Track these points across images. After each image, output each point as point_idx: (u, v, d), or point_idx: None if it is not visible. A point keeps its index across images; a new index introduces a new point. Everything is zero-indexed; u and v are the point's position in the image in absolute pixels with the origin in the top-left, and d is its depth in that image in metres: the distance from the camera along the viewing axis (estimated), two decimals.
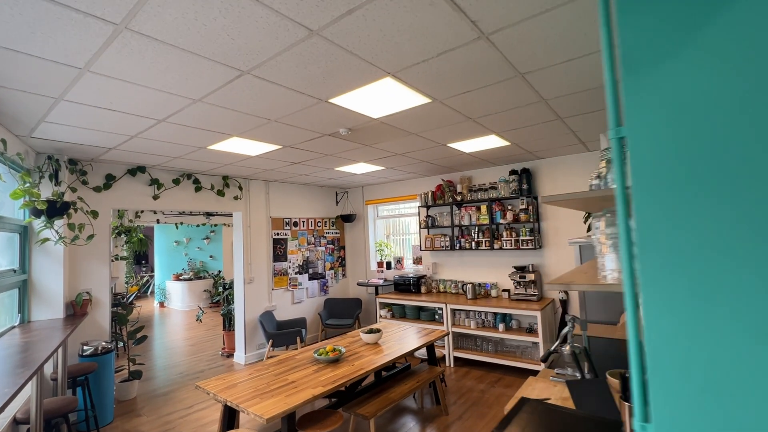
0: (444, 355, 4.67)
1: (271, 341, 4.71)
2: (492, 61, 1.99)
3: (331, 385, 2.51)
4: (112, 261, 4.60)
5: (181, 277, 9.93)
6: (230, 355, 5.40)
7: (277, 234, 5.64)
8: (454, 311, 4.84)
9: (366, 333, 3.51)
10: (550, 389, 1.88)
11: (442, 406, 3.48)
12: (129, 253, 9.77)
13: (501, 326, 4.41)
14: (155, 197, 4.26)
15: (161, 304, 10.10)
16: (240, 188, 5.16)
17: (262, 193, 5.49)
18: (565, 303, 4.49)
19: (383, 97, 2.43)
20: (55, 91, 2.11)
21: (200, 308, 5.65)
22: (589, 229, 3.53)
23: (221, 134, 3.07)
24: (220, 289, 6.08)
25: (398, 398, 2.95)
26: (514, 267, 4.74)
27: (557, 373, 2.06)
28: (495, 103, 2.62)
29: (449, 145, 3.77)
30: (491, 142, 3.74)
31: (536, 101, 2.64)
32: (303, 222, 6.06)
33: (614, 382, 1.68)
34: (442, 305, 4.78)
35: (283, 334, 4.74)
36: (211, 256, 10.38)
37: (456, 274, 5.44)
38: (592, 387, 1.65)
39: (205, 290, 9.94)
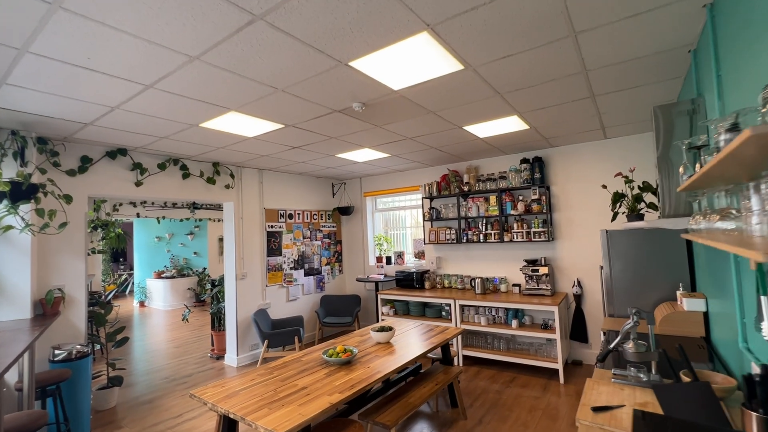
0: (453, 354, 4.40)
1: (266, 342, 4.34)
2: (551, 12, 1.71)
3: (349, 391, 2.20)
4: (88, 255, 4.14)
5: (163, 275, 9.37)
6: (220, 357, 4.99)
7: (271, 226, 5.25)
8: (462, 307, 4.58)
9: (377, 331, 3.20)
10: (619, 393, 1.62)
11: (460, 410, 3.21)
12: (106, 250, 9.16)
13: (514, 323, 4.18)
14: (138, 184, 3.83)
15: (141, 304, 9.52)
16: (232, 176, 4.76)
17: (255, 182, 5.09)
18: (579, 297, 4.29)
19: (411, 62, 2.12)
20: (17, 38, 1.71)
21: (186, 307, 5.21)
22: (614, 218, 3.32)
23: (217, 108, 2.70)
24: (208, 286, 5.65)
25: (419, 403, 2.66)
26: (525, 260, 4.51)
27: (617, 374, 1.81)
28: (532, 72, 2.35)
29: (465, 127, 3.50)
30: (510, 125, 3.48)
31: (576, 72, 2.38)
32: (298, 214, 5.69)
33: (725, 385, 1.43)
34: (450, 301, 4.51)
35: (279, 334, 4.38)
36: (195, 253, 9.85)
37: (462, 268, 5.18)
38: (687, 391, 1.40)
39: (189, 288, 9.40)
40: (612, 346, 1.80)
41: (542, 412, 3.20)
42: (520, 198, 4.57)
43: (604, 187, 3.37)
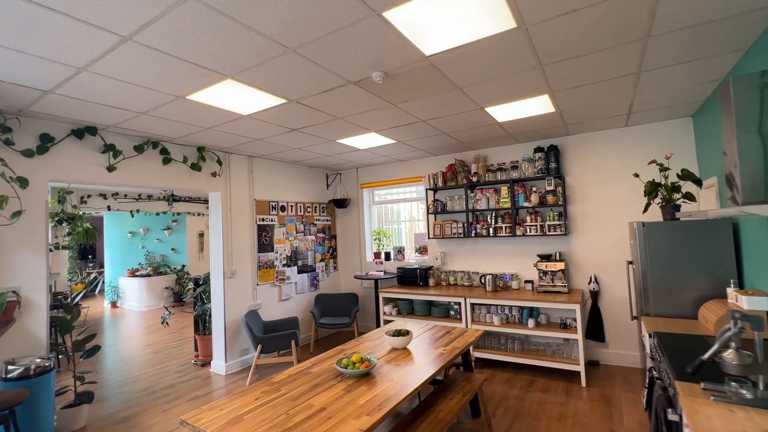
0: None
1: (260, 347, 3.90)
2: None
3: (378, 413, 1.83)
4: (51, 251, 3.58)
5: (137, 273, 8.68)
6: (206, 364, 4.51)
7: (262, 219, 4.79)
8: (473, 306, 4.27)
9: (393, 336, 2.83)
10: (732, 417, 1.32)
11: (484, 419, 2.90)
12: (72, 245, 8.40)
13: (530, 322, 3.90)
14: (110, 168, 3.30)
15: (113, 304, 8.80)
16: (219, 163, 4.27)
17: (244, 170, 4.61)
18: (596, 294, 4.06)
19: (456, 16, 1.75)
20: None
21: (166, 308, 4.69)
22: (646, 209, 3.08)
23: (211, 74, 2.25)
24: (190, 285, 5.13)
25: (449, 418, 2.32)
26: (539, 255, 4.25)
27: (712, 390, 1.51)
28: (589, 36, 2.02)
29: (487, 109, 3.16)
30: (536, 107, 3.17)
31: (637, 39, 2.07)
32: (291, 206, 5.24)
33: None
34: (460, 299, 4.20)
35: (274, 338, 3.95)
36: (173, 249, 9.18)
37: (468, 264, 4.88)
38: None
39: (166, 287, 8.75)
40: (708, 355, 1.50)
41: (572, 421, 2.93)
42: (533, 189, 4.29)
43: (636, 175, 3.12)
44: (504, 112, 3.29)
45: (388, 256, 5.56)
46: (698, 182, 2.81)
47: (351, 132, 3.72)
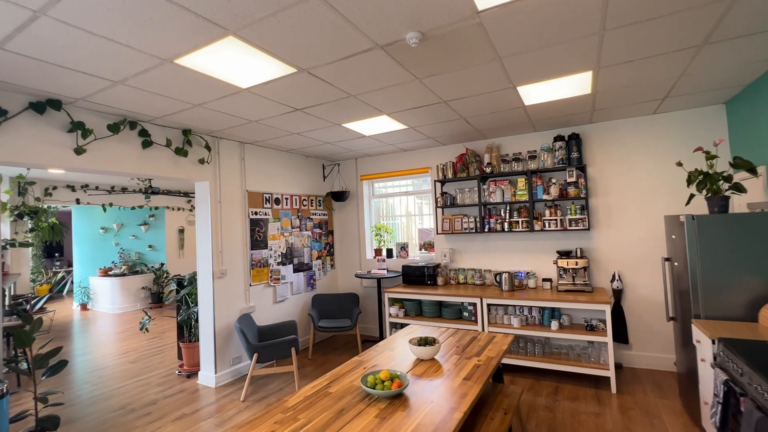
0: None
1: (255, 356, 3.46)
2: None
3: None
4: (5, 248, 3.02)
5: (110, 273, 7.99)
6: (192, 375, 4.02)
7: (255, 213, 4.32)
8: (489, 307, 3.95)
9: (418, 345, 2.47)
10: None
11: None
12: (35, 243, 7.66)
13: (554, 324, 3.62)
14: (79, 151, 2.78)
15: (83, 307, 8.08)
16: (208, 149, 3.77)
17: (235, 158, 4.12)
18: (619, 293, 3.81)
19: None
20: None
21: (146, 313, 4.16)
22: (689, 201, 2.82)
23: (209, 26, 1.80)
24: (172, 287, 4.61)
25: None
26: (558, 252, 3.97)
27: None
28: None
29: (520, 88, 2.82)
30: (571, 88, 2.86)
31: None
32: (286, 199, 4.78)
33: None
34: (476, 300, 3.88)
35: (272, 346, 3.51)
36: (150, 246, 8.51)
37: (479, 261, 4.57)
38: None
39: (143, 288, 8.10)
40: None
41: None
42: (553, 181, 4.00)
43: (680, 164, 2.85)
44: (535, 93, 2.96)
45: (390, 253, 5.18)
46: (753, 171, 2.56)
47: (361, 114, 3.31)
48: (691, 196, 2.79)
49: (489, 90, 2.85)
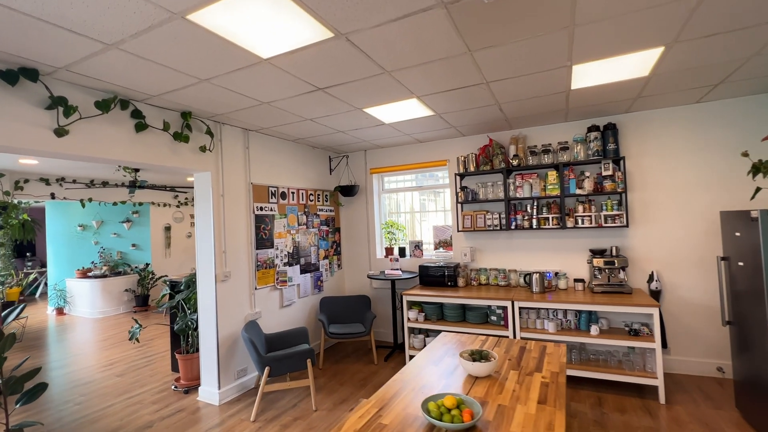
0: None
1: (267, 369, 3.05)
2: None
3: None
4: None
5: (90, 274, 7.36)
6: (190, 390, 3.58)
7: (261, 209, 3.89)
8: (520, 310, 3.65)
9: (470, 359, 2.13)
10: None
11: None
12: (4, 242, 6.99)
13: (594, 329, 3.34)
14: (60, 132, 2.31)
15: (59, 311, 7.42)
16: (210, 134, 3.32)
17: (239, 146, 3.69)
18: (658, 294, 3.57)
19: None
20: None
21: (136, 321, 3.68)
22: (754, 195, 2.59)
23: None
24: (164, 291, 4.14)
25: None
26: (591, 250, 3.70)
27: None
28: None
29: (576, 66, 2.51)
30: (630, 68, 2.57)
31: None
32: (292, 193, 4.36)
33: None
34: (506, 303, 3.57)
35: (286, 358, 3.11)
36: (133, 245, 7.90)
37: (502, 261, 4.26)
38: None
39: (126, 290, 7.50)
40: None
41: None
42: (586, 174, 3.73)
43: (746, 155, 2.59)
44: (588, 74, 2.65)
45: (402, 252, 4.83)
46: None
47: (389, 96, 2.93)
48: (757, 189, 2.55)
49: (542, 69, 2.52)
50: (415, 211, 5.13)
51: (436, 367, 2.29)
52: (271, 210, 4.02)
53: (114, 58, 2.08)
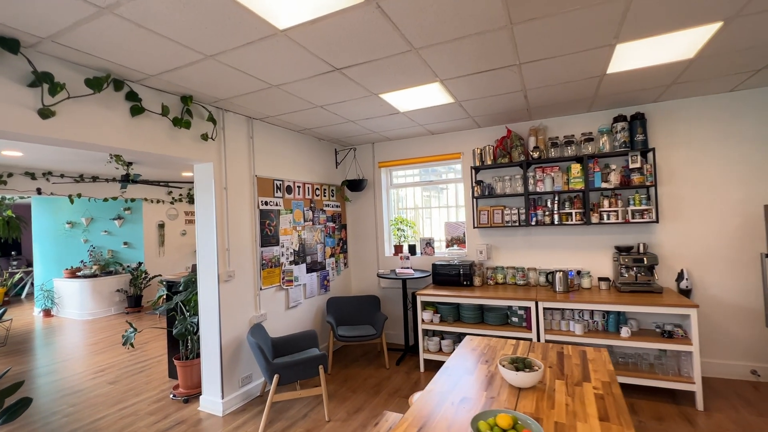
0: None
1: (276, 377, 2.80)
2: None
3: None
4: None
5: (79, 273, 7.01)
6: (190, 399, 3.31)
7: (266, 203, 3.63)
8: (544, 311, 3.44)
9: (512, 368, 1.91)
10: None
11: None
12: None
13: (624, 330, 3.14)
14: (45, 113, 2.03)
15: (46, 313, 7.06)
16: (212, 121, 3.05)
17: (242, 135, 3.42)
18: (687, 294, 3.39)
19: None
20: None
21: (130, 324, 3.39)
22: None
23: None
24: (160, 292, 3.85)
25: None
26: (616, 248, 3.51)
27: None
28: None
29: (620, 45, 2.29)
30: (675, 48, 2.36)
31: None
32: (298, 188, 4.10)
33: None
34: (530, 303, 3.36)
35: (297, 365, 2.86)
36: (125, 243, 7.56)
37: (519, 259, 4.06)
38: None
39: (118, 290, 7.17)
40: None
41: None
42: (612, 167, 3.53)
43: None
44: (630, 55, 2.44)
45: (412, 249, 4.60)
46: None
47: (411, 79, 2.69)
48: None
49: (583, 47, 2.30)
50: (419, 208, 4.90)
51: (472, 377, 2.06)
52: (277, 205, 3.76)
53: (107, 25, 1.81)
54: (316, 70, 2.46)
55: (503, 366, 1.95)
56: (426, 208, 4.90)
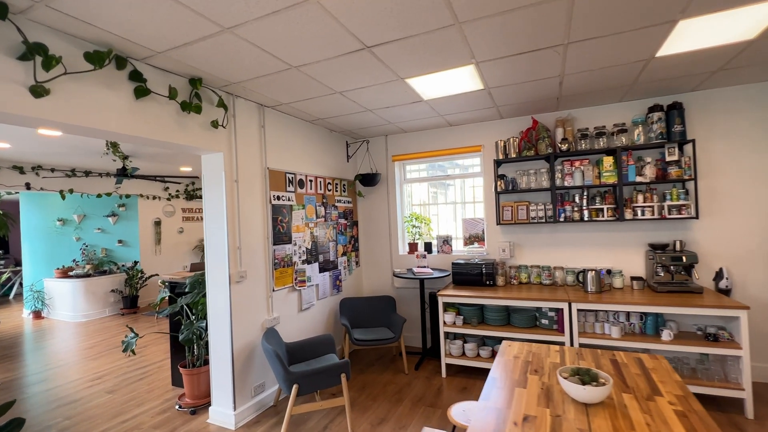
0: None
1: (295, 387, 2.55)
2: None
3: None
4: None
5: (71, 273, 6.67)
6: (197, 410, 3.05)
7: (278, 198, 3.37)
8: (578, 313, 3.24)
9: (574, 380, 1.69)
10: None
11: None
12: None
13: (666, 333, 2.95)
14: (37, 90, 1.76)
15: (37, 314, 6.72)
16: (222, 106, 2.78)
17: (253, 124, 3.15)
18: (727, 293, 3.21)
19: None
20: None
21: (132, 330, 3.11)
22: None
23: None
24: (162, 294, 3.58)
25: None
26: (650, 245, 3.33)
27: None
28: None
29: (683, 21, 2.07)
30: (744, 25, 2.15)
31: None
32: (310, 181, 3.84)
33: None
34: (562, 304, 3.15)
35: (317, 374, 2.61)
36: (120, 242, 7.23)
37: (544, 257, 3.85)
38: None
39: (113, 290, 6.84)
40: None
41: None
42: (646, 160, 3.33)
43: None
44: (690, 35, 2.23)
45: (428, 247, 4.38)
46: None
47: (445, 61, 2.45)
48: None
49: (642, 24, 2.08)
50: (430, 204, 4.67)
51: (525, 390, 1.84)
52: (289, 200, 3.50)
53: None
54: (343, 48, 2.21)
55: (565, 378, 1.73)
56: (439, 204, 4.67)
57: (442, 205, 4.67)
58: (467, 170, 4.43)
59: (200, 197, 8.53)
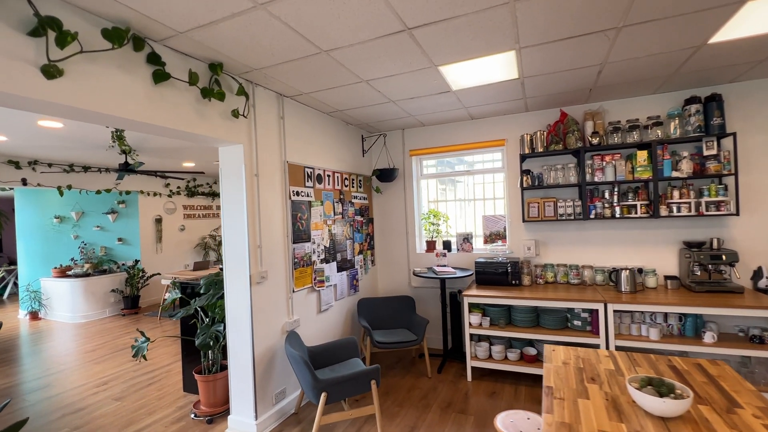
0: None
1: (324, 396, 2.39)
2: None
3: None
4: None
5: (69, 273, 6.43)
6: (214, 419, 2.88)
7: (297, 194, 3.19)
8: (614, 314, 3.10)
9: (647, 390, 1.54)
10: None
11: None
12: None
13: (708, 335, 2.82)
14: (49, 70, 1.56)
15: (33, 315, 6.47)
16: (245, 95, 2.59)
17: (273, 115, 2.96)
18: (767, 293, 3.09)
19: None
20: None
21: (142, 334, 2.92)
22: None
23: None
24: (173, 294, 3.39)
25: None
26: (685, 243, 3.20)
27: None
28: None
29: (751, 3, 1.92)
30: None
31: None
32: (328, 177, 3.66)
33: None
34: (597, 305, 3.01)
35: (347, 380, 2.45)
36: (120, 240, 6.99)
37: (572, 255, 3.71)
38: None
39: (113, 290, 6.61)
40: None
41: None
42: (683, 154, 3.19)
43: None
44: (753, 18, 2.08)
45: (448, 245, 4.22)
46: None
47: (487, 46, 2.28)
48: None
49: (707, 5, 1.92)
50: (447, 201, 4.52)
51: (590, 402, 1.68)
52: (308, 195, 3.32)
53: None
54: (383, 30, 2.03)
55: (637, 389, 1.58)
56: (448, 202, 4.51)
57: (452, 202, 4.50)
58: (483, 166, 4.27)
59: (202, 194, 8.29)
